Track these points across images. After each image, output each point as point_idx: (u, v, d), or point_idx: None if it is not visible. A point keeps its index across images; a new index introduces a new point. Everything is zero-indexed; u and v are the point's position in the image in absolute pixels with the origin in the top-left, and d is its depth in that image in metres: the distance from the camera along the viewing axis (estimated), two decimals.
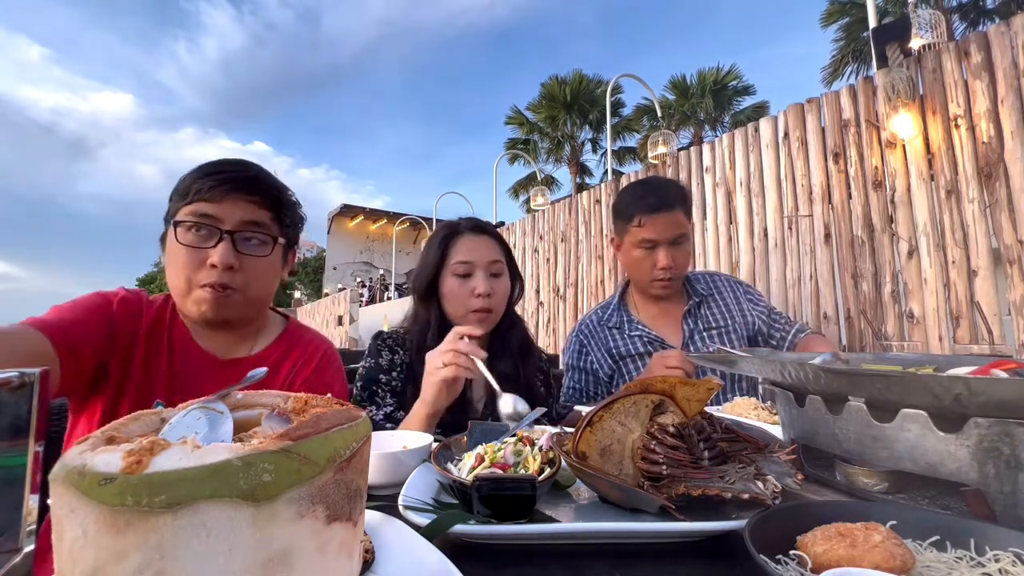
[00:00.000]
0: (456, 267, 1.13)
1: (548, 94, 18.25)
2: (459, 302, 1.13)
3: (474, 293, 1.11)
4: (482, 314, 1.12)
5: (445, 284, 1.15)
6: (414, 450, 0.70)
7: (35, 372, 0.39)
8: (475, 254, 1.13)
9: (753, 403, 1.05)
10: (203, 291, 0.84)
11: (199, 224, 0.83)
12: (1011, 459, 0.46)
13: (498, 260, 1.16)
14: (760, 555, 0.37)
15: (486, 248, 1.15)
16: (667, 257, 1.42)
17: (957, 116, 2.21)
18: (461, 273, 1.13)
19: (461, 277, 1.13)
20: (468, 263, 1.13)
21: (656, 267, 1.43)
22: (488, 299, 1.12)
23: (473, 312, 1.12)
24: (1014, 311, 2.04)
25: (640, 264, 1.46)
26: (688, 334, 1.49)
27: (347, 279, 21.86)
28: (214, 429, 0.35)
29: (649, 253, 1.44)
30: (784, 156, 2.88)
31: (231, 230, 0.84)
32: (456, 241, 1.16)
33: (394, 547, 0.45)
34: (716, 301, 1.54)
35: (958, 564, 0.39)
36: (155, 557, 0.24)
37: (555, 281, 4.69)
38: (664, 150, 3.94)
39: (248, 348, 0.97)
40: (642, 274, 1.48)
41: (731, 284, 1.59)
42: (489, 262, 1.14)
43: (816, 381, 0.62)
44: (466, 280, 1.13)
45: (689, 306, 1.51)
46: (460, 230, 1.18)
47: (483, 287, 1.11)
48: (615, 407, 0.60)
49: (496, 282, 1.15)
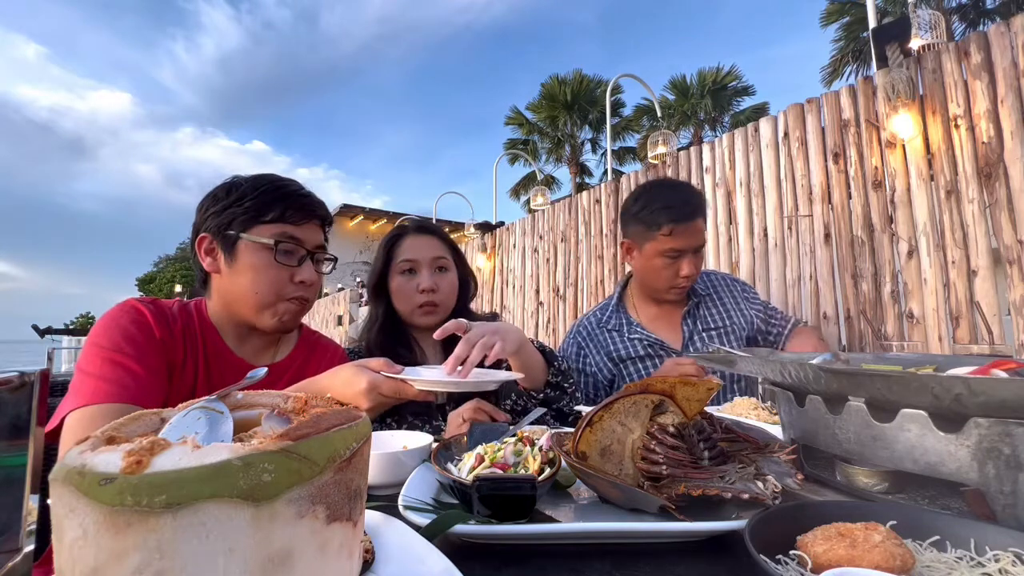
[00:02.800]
0: (401, 265, 1.19)
1: (548, 94, 18.25)
2: (406, 298, 1.19)
3: (419, 288, 1.17)
4: (428, 307, 1.18)
5: (393, 283, 1.21)
6: (414, 450, 0.70)
7: (35, 372, 0.39)
8: (418, 252, 1.19)
9: (753, 403, 1.05)
10: (290, 304, 0.94)
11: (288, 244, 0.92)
12: (1011, 459, 0.46)
13: (442, 256, 1.21)
14: (760, 555, 0.37)
15: (429, 246, 1.21)
16: (690, 266, 1.42)
17: (957, 116, 2.21)
18: (406, 270, 1.19)
19: (406, 274, 1.19)
20: (412, 260, 1.19)
21: (679, 275, 1.43)
22: (433, 293, 1.17)
23: (419, 307, 1.17)
24: (1014, 311, 2.04)
25: (661, 272, 1.45)
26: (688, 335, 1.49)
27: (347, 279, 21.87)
28: (214, 429, 0.35)
29: (673, 262, 1.43)
30: (784, 156, 2.87)
31: (311, 251, 0.96)
32: (401, 242, 1.22)
33: (394, 547, 0.45)
34: (714, 301, 1.54)
35: (958, 564, 0.39)
36: (155, 557, 0.24)
37: (555, 281, 4.69)
38: (664, 150, 3.94)
39: (272, 354, 1.03)
40: (661, 281, 1.46)
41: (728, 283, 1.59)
42: (433, 258, 1.19)
43: (816, 381, 0.62)
44: (411, 277, 1.19)
45: (688, 307, 1.51)
46: (405, 232, 1.24)
47: (427, 282, 1.17)
48: (615, 407, 0.60)
49: (441, 277, 1.20)
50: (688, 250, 1.41)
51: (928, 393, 0.50)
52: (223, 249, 0.92)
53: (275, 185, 0.94)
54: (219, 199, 0.93)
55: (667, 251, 1.42)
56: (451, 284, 1.22)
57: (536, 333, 4.85)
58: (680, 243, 1.40)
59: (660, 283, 1.47)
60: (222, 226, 0.91)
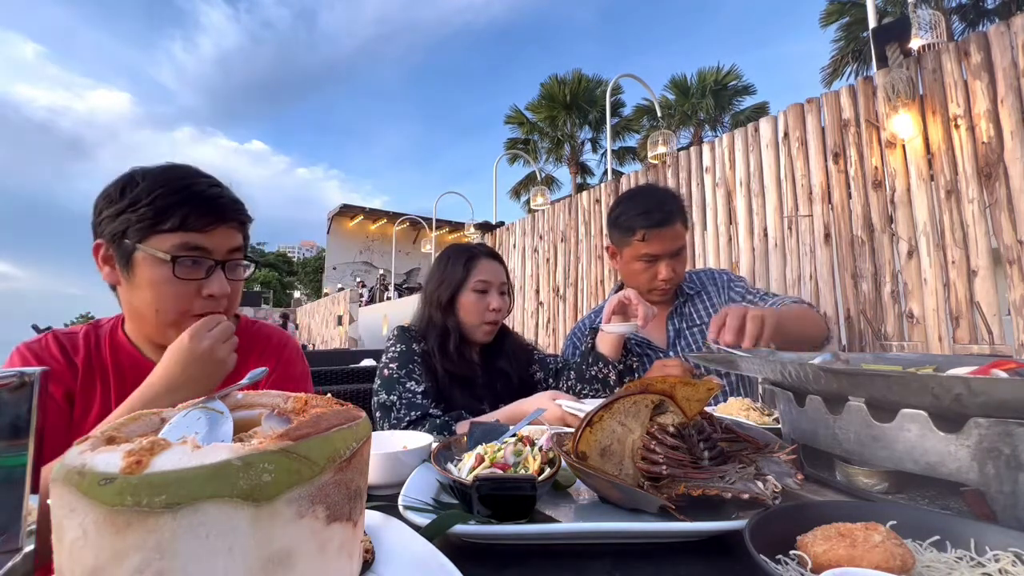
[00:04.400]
0: (477, 284, 1.34)
1: (548, 94, 18.24)
2: (476, 314, 1.34)
3: (490, 308, 1.34)
4: (492, 326, 1.36)
5: (465, 298, 1.35)
6: (414, 450, 0.70)
7: (35, 372, 0.39)
8: (492, 275, 1.36)
9: (746, 403, 1.05)
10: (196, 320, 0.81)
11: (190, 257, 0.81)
12: (1011, 459, 0.46)
13: (505, 282, 1.40)
14: (760, 555, 0.37)
15: (499, 271, 1.39)
16: (668, 270, 1.45)
17: (957, 116, 2.21)
18: (480, 290, 1.34)
19: (479, 293, 1.34)
20: (487, 282, 1.35)
21: (657, 278, 1.47)
22: (498, 313, 1.36)
23: (486, 323, 1.34)
24: (1014, 311, 2.04)
25: (640, 275, 1.49)
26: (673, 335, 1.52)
27: (347, 279, 21.84)
28: (214, 429, 0.35)
29: (650, 266, 1.47)
30: (784, 156, 2.88)
31: (222, 260, 0.84)
32: (477, 263, 1.37)
33: (394, 547, 0.45)
34: (702, 298, 1.56)
35: (958, 564, 0.39)
36: (155, 557, 0.24)
37: (555, 281, 4.69)
38: (664, 150, 3.93)
39: None
40: (641, 284, 1.50)
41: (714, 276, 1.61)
42: (501, 283, 1.38)
43: (816, 381, 0.62)
44: (483, 296, 1.35)
45: (675, 306, 1.54)
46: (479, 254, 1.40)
47: (497, 303, 1.35)
48: (615, 407, 0.60)
49: (503, 300, 1.38)
50: (664, 255, 1.45)
51: (928, 393, 0.50)
52: (119, 260, 0.81)
53: (174, 187, 0.80)
54: (113, 201, 0.80)
55: (643, 255, 1.46)
56: (508, 307, 1.40)
57: (536, 333, 4.85)
58: (655, 248, 1.44)
59: (640, 286, 1.51)
60: (116, 234, 0.80)
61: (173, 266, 0.79)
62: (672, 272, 1.45)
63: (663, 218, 1.43)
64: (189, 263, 0.81)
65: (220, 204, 0.84)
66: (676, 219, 1.45)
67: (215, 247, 0.83)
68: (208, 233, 0.82)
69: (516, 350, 1.44)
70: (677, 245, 1.45)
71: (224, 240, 0.84)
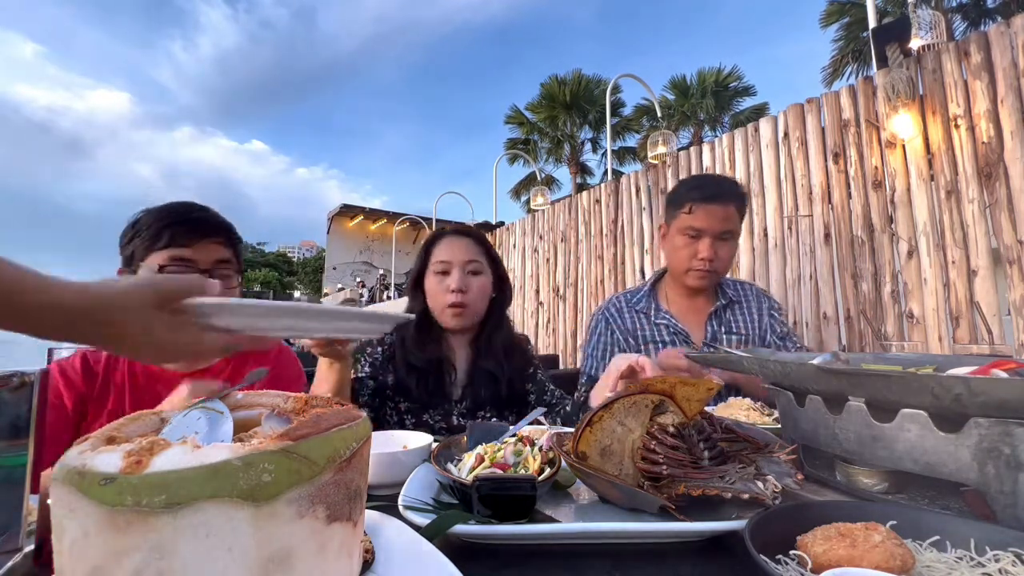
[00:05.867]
0: (436, 265, 1.24)
1: (548, 94, 18.23)
2: (437, 297, 1.23)
3: (449, 289, 1.21)
4: (456, 308, 1.21)
5: (427, 281, 1.26)
6: (414, 450, 0.70)
7: (35, 372, 0.39)
8: (453, 254, 1.24)
9: (746, 404, 1.05)
10: None
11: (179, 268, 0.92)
12: (1011, 459, 0.46)
13: (475, 260, 1.25)
14: (760, 555, 0.37)
15: (464, 249, 1.25)
16: (709, 249, 1.41)
17: (957, 116, 2.21)
18: (439, 271, 1.24)
19: (440, 275, 1.24)
20: (446, 262, 1.23)
21: (696, 256, 1.43)
22: (462, 295, 1.21)
23: (448, 307, 1.21)
24: (1014, 311, 2.04)
25: (680, 251, 1.46)
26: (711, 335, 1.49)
27: (347, 279, 21.84)
28: (214, 429, 0.35)
29: (692, 241, 1.44)
30: (784, 156, 2.87)
31: (207, 269, 0.95)
32: (439, 243, 1.27)
33: (394, 547, 0.44)
34: (742, 308, 1.54)
35: (958, 564, 0.39)
36: (155, 557, 0.24)
37: (555, 281, 4.68)
38: (664, 150, 3.93)
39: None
40: (680, 262, 1.47)
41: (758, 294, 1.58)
42: (466, 261, 1.24)
43: (816, 381, 0.62)
44: (444, 277, 1.23)
45: (716, 307, 1.51)
46: (444, 234, 1.29)
47: (456, 283, 1.21)
48: (615, 407, 0.60)
49: (472, 279, 1.24)
50: (707, 232, 1.41)
51: (928, 393, 0.50)
52: None
53: (168, 214, 0.95)
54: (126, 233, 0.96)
55: (687, 229, 1.43)
56: (481, 287, 1.25)
57: (536, 333, 4.85)
58: (700, 221, 1.41)
59: (679, 264, 1.48)
60: (127, 259, 0.95)
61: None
62: (713, 253, 1.41)
63: (714, 193, 1.41)
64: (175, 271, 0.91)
65: (203, 222, 0.97)
66: (729, 200, 1.42)
67: (200, 259, 0.94)
68: (192, 247, 0.94)
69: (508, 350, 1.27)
70: (724, 227, 1.41)
71: (208, 253, 0.96)
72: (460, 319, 1.23)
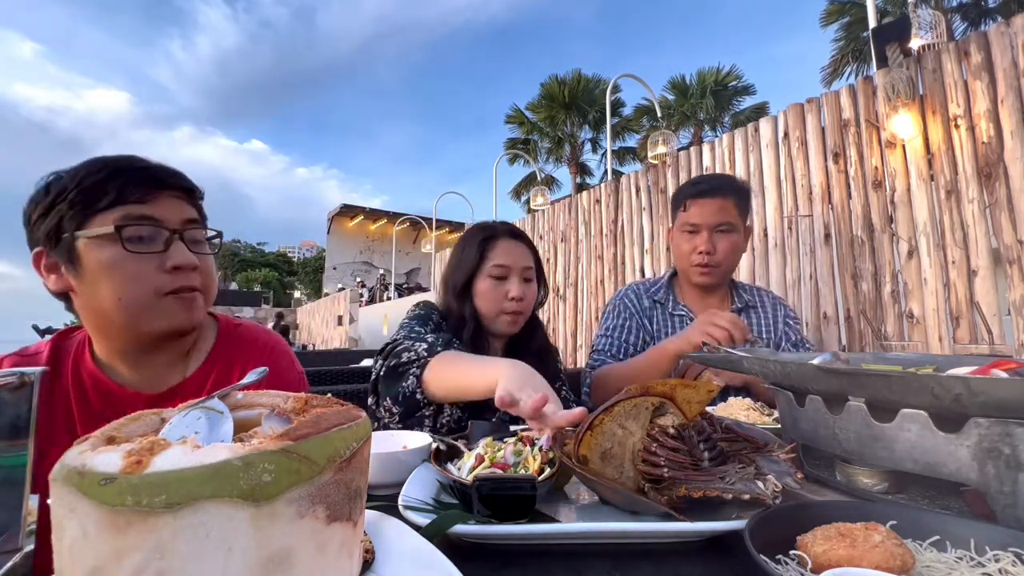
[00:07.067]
0: (493, 269, 1.17)
1: (547, 94, 18.23)
2: (493, 303, 1.17)
3: (508, 296, 1.16)
4: (513, 316, 1.18)
5: (481, 284, 1.19)
6: (414, 450, 0.70)
7: (35, 372, 0.39)
8: (512, 259, 1.18)
9: (746, 403, 1.05)
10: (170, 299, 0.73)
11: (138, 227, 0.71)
12: (1011, 459, 0.46)
13: (530, 267, 1.21)
14: (760, 555, 0.37)
15: (521, 254, 1.20)
16: (707, 242, 1.42)
17: (957, 116, 2.21)
18: (497, 276, 1.17)
19: (496, 279, 1.18)
20: (505, 267, 1.17)
21: (695, 251, 1.44)
22: (520, 303, 1.17)
23: (506, 314, 1.17)
24: (1014, 311, 2.04)
25: (681, 248, 1.49)
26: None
27: (347, 279, 21.84)
28: (214, 429, 0.35)
29: (691, 237, 1.45)
30: (784, 156, 2.87)
31: (177, 229, 0.75)
32: (494, 244, 1.20)
33: (394, 547, 0.45)
34: (758, 313, 1.54)
35: (958, 564, 0.39)
36: (155, 557, 0.24)
37: (555, 281, 4.68)
38: (664, 150, 3.93)
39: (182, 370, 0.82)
40: (683, 259, 1.49)
41: (774, 302, 1.58)
42: (523, 267, 1.19)
43: (816, 381, 0.62)
44: (501, 283, 1.18)
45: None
46: (498, 233, 1.21)
47: (517, 291, 1.16)
48: (615, 410, 0.60)
49: (527, 287, 1.20)
50: (704, 225, 1.43)
51: (928, 393, 0.50)
52: (63, 259, 0.72)
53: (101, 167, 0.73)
54: (39, 202, 0.73)
55: (685, 225, 1.46)
56: (534, 294, 1.23)
57: None
58: (695, 216, 1.43)
59: (682, 261, 1.50)
60: (51, 232, 0.71)
61: (122, 241, 0.70)
62: (711, 246, 1.42)
63: (708, 188, 1.44)
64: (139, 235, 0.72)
65: (154, 170, 0.75)
66: (723, 193, 1.44)
67: (164, 216, 0.74)
68: (150, 203, 0.73)
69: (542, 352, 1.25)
70: (720, 219, 1.42)
71: (172, 210, 0.75)
72: (514, 326, 1.20)
